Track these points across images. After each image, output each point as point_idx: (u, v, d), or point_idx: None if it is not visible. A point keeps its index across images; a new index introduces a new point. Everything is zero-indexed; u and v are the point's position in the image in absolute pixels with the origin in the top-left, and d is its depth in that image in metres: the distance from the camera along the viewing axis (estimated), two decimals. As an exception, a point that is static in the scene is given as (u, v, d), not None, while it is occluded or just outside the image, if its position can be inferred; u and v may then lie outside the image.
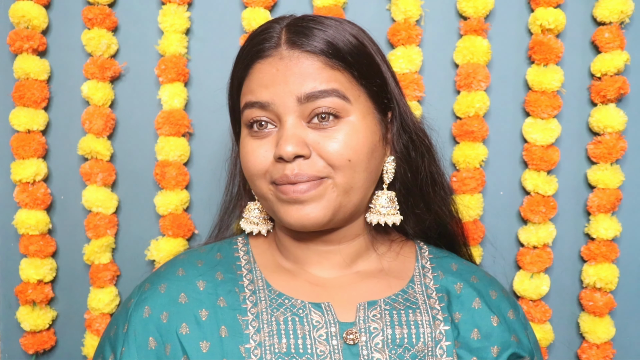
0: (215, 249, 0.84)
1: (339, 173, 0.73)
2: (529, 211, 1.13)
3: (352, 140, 0.73)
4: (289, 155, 0.71)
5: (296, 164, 0.72)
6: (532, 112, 1.13)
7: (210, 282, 0.78)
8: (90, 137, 1.14)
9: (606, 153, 1.12)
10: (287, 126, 0.72)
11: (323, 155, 0.72)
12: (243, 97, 0.77)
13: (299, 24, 0.75)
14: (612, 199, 1.12)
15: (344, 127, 0.73)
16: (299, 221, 0.73)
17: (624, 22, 1.12)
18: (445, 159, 1.15)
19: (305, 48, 0.73)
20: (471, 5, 1.11)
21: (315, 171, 0.72)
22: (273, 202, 0.75)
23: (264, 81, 0.74)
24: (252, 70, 0.75)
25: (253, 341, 0.73)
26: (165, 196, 1.14)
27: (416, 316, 0.76)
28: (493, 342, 0.77)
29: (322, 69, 0.73)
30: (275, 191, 0.74)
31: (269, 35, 0.75)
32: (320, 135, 0.72)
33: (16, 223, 1.15)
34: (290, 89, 0.72)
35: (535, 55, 1.12)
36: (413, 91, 1.12)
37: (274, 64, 0.73)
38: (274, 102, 0.73)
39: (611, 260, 1.14)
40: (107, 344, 0.78)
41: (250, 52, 0.76)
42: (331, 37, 0.74)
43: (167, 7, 1.13)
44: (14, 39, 1.11)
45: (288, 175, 0.71)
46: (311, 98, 0.72)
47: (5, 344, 1.20)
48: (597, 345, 1.14)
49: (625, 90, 1.11)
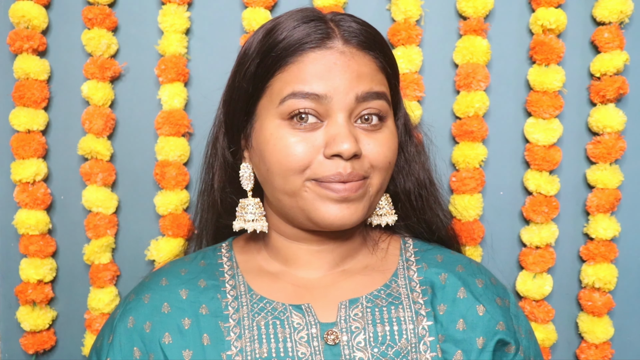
0: (199, 257, 0.84)
1: (377, 174, 0.73)
2: (532, 211, 1.13)
3: (393, 143, 0.75)
4: (349, 153, 0.69)
5: (350, 162, 0.71)
6: (534, 112, 1.13)
7: (192, 290, 0.78)
8: (90, 137, 1.14)
9: (605, 153, 1.12)
10: (340, 122, 0.71)
11: (370, 156, 0.72)
12: (287, 85, 0.71)
13: (344, 18, 0.74)
14: (611, 199, 1.13)
15: (386, 130, 0.74)
16: (341, 220, 0.72)
17: (624, 22, 1.12)
18: (445, 159, 1.15)
19: (362, 46, 0.73)
20: (471, 5, 1.11)
21: (363, 171, 0.72)
22: (309, 200, 0.72)
23: (320, 72, 0.71)
24: (304, 58, 0.71)
25: (235, 347, 0.73)
26: (165, 196, 1.14)
27: (399, 312, 0.75)
28: (478, 333, 0.75)
29: (377, 71, 0.74)
30: (318, 188, 0.71)
31: (318, 24, 0.72)
32: (367, 136, 0.73)
33: (16, 223, 1.15)
34: (350, 85, 0.71)
35: (537, 56, 1.12)
36: (413, 91, 1.12)
37: (334, 57, 0.71)
38: (332, 96, 0.70)
39: (610, 260, 1.14)
40: (94, 355, 0.79)
41: (299, 40, 0.72)
42: (377, 37, 0.75)
43: (167, 7, 1.13)
44: (14, 39, 1.11)
45: (342, 173, 0.70)
46: (367, 98, 0.72)
47: (5, 344, 1.20)
48: (596, 345, 1.15)
49: (625, 90, 1.11)
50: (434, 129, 0.92)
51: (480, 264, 0.86)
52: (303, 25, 0.72)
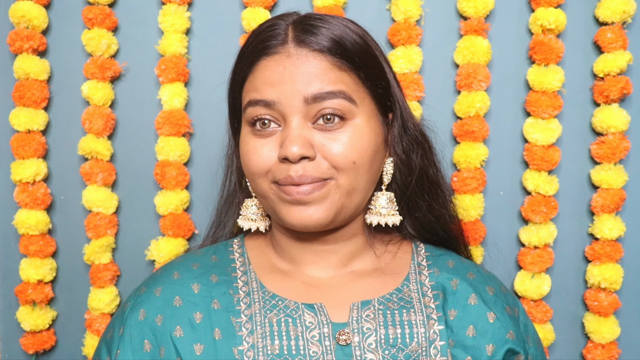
0: (211, 252, 0.84)
1: (343, 175, 0.72)
2: (530, 211, 1.13)
3: (357, 142, 0.73)
4: (295, 157, 0.70)
5: (301, 165, 0.71)
6: (533, 112, 1.12)
7: (205, 284, 0.78)
8: (90, 137, 1.14)
9: (609, 153, 1.11)
10: (292, 126, 0.71)
11: (328, 157, 0.72)
12: (246, 94, 0.75)
13: (306, 22, 0.74)
14: (616, 199, 1.12)
15: (349, 129, 0.73)
16: (302, 222, 0.72)
17: (626, 22, 1.11)
18: (446, 159, 1.15)
19: (313, 47, 0.72)
20: (471, 5, 1.10)
21: (320, 173, 0.72)
22: (274, 202, 0.74)
23: (270, 79, 0.72)
24: (257, 67, 0.74)
25: (246, 343, 0.73)
26: (166, 196, 1.14)
27: (410, 316, 0.75)
28: (488, 340, 0.75)
29: (329, 70, 0.72)
30: (278, 191, 0.73)
31: (275, 32, 0.74)
32: (325, 137, 0.72)
33: (16, 223, 1.15)
34: (297, 89, 0.71)
35: (536, 56, 1.11)
36: (413, 91, 1.11)
37: (281, 62, 0.72)
38: (280, 101, 0.71)
39: (615, 260, 1.13)
40: (103, 346, 0.78)
41: (256, 49, 0.74)
42: (339, 37, 0.73)
43: (167, 7, 1.13)
44: (14, 39, 1.12)
45: (292, 176, 0.71)
46: (318, 99, 0.71)
47: (5, 344, 1.20)
48: (602, 345, 1.14)
49: (628, 90, 1.11)
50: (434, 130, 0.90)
51: (490, 272, 0.86)
52: (262, 34, 0.75)
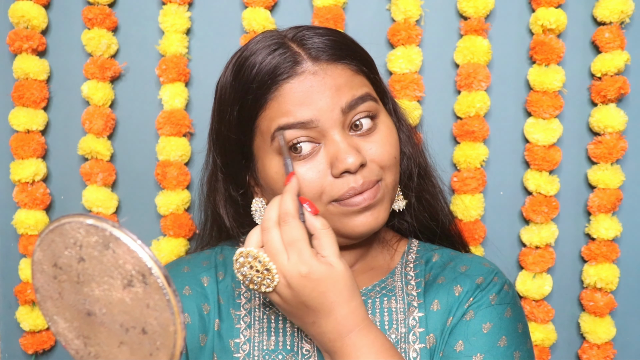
0: (218, 251, 0.86)
1: (388, 172, 0.74)
2: (531, 211, 1.13)
3: (391, 137, 0.75)
4: (355, 166, 0.70)
5: (360, 173, 0.71)
6: (534, 112, 1.13)
7: (213, 278, 0.80)
8: (90, 137, 1.14)
9: (606, 153, 1.12)
10: (337, 139, 0.71)
11: (375, 159, 0.73)
12: (272, 121, 0.72)
13: (306, 35, 0.74)
14: (613, 199, 1.12)
15: (381, 128, 0.74)
16: (370, 226, 0.73)
17: (624, 22, 1.12)
18: (446, 159, 1.15)
19: (329, 59, 0.73)
20: (471, 5, 1.11)
21: (375, 176, 0.73)
22: (337, 219, 0.73)
23: (300, 99, 0.71)
24: (281, 92, 0.71)
25: (243, 336, 0.75)
26: (166, 196, 1.14)
27: (390, 303, 0.77)
28: (451, 314, 0.75)
29: (352, 76, 0.74)
30: (340, 207, 0.72)
31: (283, 53, 0.72)
32: (365, 141, 0.73)
33: (15, 223, 1.14)
34: (332, 102, 0.71)
35: (537, 55, 1.11)
36: (413, 91, 1.12)
37: (307, 81, 0.71)
38: (318, 118, 0.70)
39: (612, 260, 1.14)
40: None
41: (270, 75, 0.72)
42: (343, 43, 0.75)
43: (167, 7, 1.13)
44: (13, 39, 1.11)
45: (355, 187, 0.71)
46: (353, 106, 0.72)
47: (5, 344, 1.20)
48: (598, 346, 1.14)
49: (626, 90, 1.11)
50: (434, 130, 0.91)
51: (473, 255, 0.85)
52: (269, 58, 0.72)
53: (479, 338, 0.72)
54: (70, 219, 0.44)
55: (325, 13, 1.10)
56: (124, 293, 0.43)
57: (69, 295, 0.46)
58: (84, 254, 0.44)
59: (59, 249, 0.45)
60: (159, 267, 0.42)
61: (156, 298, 0.42)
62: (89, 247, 0.43)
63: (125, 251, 0.42)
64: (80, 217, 0.43)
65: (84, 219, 0.43)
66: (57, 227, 0.44)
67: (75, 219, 0.43)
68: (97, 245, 0.43)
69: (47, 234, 0.45)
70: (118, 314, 0.44)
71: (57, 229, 0.44)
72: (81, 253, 0.44)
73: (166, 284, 0.42)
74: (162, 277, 0.42)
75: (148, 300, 0.43)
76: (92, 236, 0.43)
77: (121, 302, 0.44)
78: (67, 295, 0.46)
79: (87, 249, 0.43)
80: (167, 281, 0.42)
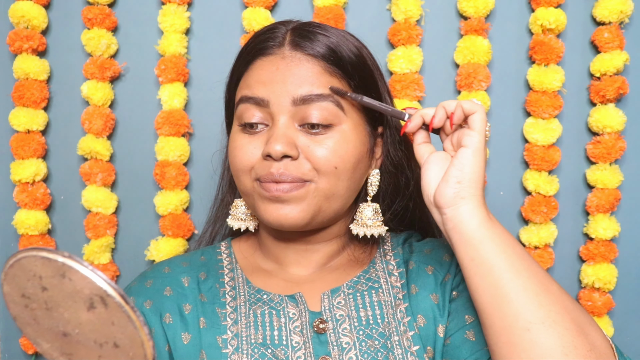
0: (199, 253, 0.87)
1: (323, 178, 0.74)
2: (531, 211, 1.14)
3: (342, 148, 0.74)
4: (277, 154, 0.72)
5: (283, 163, 0.73)
6: (533, 112, 1.13)
7: (193, 279, 0.81)
8: (90, 137, 1.14)
9: (605, 153, 1.12)
10: (278, 125, 0.74)
11: (310, 159, 0.74)
12: (239, 91, 0.78)
13: (305, 28, 0.77)
14: (611, 199, 1.13)
15: (335, 135, 0.74)
16: (277, 220, 0.74)
17: (624, 22, 1.12)
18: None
19: (307, 51, 0.75)
20: (472, 5, 1.11)
21: (300, 173, 0.73)
22: (255, 199, 0.76)
23: (262, 78, 0.75)
24: (253, 66, 0.77)
25: (230, 332, 0.75)
26: (165, 196, 1.14)
27: (379, 296, 0.78)
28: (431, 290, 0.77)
29: (320, 74, 0.74)
30: (259, 188, 0.75)
31: (274, 34, 0.77)
32: (310, 140, 0.74)
33: (16, 223, 1.14)
34: (287, 89, 0.73)
35: (536, 55, 1.12)
36: (413, 91, 1.12)
37: (275, 63, 0.75)
38: (270, 99, 0.74)
39: (610, 260, 1.14)
40: None
41: (254, 49, 0.77)
42: (334, 44, 0.76)
43: (167, 7, 1.13)
44: (13, 39, 1.11)
45: (273, 173, 0.73)
46: (306, 101, 0.73)
47: (5, 344, 1.20)
48: (596, 345, 1.15)
49: (625, 90, 1.12)
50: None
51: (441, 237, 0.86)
52: (261, 36, 0.78)
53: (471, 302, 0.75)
54: (25, 254, 0.47)
55: (326, 13, 1.11)
56: (90, 314, 0.47)
57: (43, 320, 0.49)
58: (46, 283, 0.47)
59: (22, 282, 0.48)
60: (113, 288, 0.45)
61: (118, 316, 0.46)
62: (48, 277, 0.46)
63: (80, 278, 0.45)
64: (33, 251, 0.46)
65: (37, 252, 0.46)
66: (15, 262, 0.47)
67: (30, 253, 0.46)
68: (54, 275, 0.46)
69: (8, 269, 0.48)
70: (89, 332, 0.48)
71: (15, 263, 0.47)
72: (42, 283, 0.47)
73: (123, 302, 0.45)
74: (118, 297, 0.45)
75: (112, 318, 0.46)
76: (48, 268, 0.46)
77: (89, 322, 0.47)
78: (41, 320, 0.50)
79: (47, 279, 0.47)
80: (124, 299, 0.45)
